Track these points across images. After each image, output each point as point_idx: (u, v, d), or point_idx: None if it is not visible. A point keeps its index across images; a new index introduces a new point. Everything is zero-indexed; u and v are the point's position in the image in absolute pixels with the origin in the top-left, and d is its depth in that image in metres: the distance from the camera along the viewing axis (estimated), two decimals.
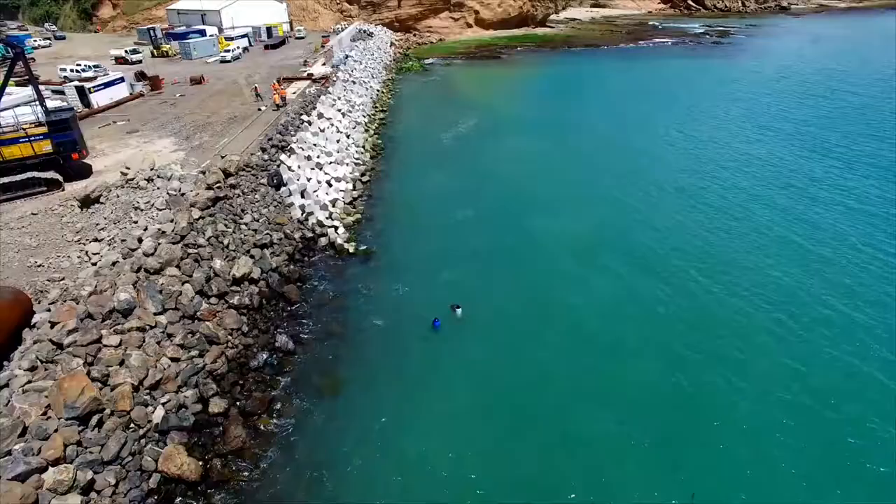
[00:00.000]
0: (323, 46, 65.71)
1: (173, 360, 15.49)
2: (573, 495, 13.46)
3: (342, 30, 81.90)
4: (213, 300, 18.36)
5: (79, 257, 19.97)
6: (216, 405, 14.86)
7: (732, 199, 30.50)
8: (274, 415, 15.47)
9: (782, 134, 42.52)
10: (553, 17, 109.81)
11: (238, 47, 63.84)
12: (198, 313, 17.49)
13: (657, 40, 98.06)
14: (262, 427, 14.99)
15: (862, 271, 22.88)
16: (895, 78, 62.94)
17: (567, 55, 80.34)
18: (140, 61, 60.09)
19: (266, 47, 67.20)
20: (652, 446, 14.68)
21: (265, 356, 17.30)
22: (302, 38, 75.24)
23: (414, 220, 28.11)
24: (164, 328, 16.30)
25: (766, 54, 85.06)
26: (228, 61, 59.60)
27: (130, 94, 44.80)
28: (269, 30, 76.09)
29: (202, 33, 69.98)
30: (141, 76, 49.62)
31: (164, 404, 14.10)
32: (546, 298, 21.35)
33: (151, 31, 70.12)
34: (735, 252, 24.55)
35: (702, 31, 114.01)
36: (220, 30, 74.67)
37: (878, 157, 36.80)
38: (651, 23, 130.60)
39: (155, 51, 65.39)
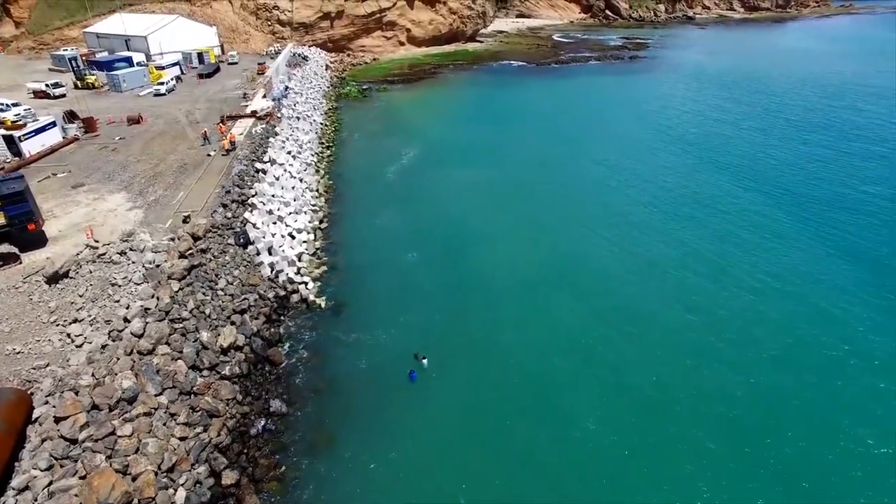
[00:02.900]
0: (260, 74, 65.57)
1: (181, 439, 16.96)
2: None
3: (275, 52, 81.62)
4: (205, 373, 19.79)
5: (60, 340, 20.56)
6: (228, 477, 16.52)
7: (675, 224, 34.95)
8: (280, 477, 17.33)
9: (707, 154, 48.29)
10: (482, 30, 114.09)
11: (171, 78, 62.34)
12: (194, 388, 18.92)
13: (581, 53, 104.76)
14: (271, 490, 16.83)
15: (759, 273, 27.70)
16: (788, 84, 72.00)
17: (498, 73, 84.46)
18: (63, 95, 56.85)
19: (200, 76, 65.77)
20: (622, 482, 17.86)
21: (262, 422, 19.02)
22: (235, 63, 74.15)
23: (375, 265, 30.22)
24: (166, 408, 17.66)
25: (680, 67, 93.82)
26: (163, 94, 58.02)
27: (64, 138, 43.11)
28: (200, 56, 74.43)
29: (129, 61, 67.28)
30: (71, 116, 47.18)
31: (182, 485, 15.63)
32: (503, 333, 24.36)
33: (74, 62, 66.64)
34: (682, 282, 28.60)
35: (620, 43, 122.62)
36: (149, 57, 72.18)
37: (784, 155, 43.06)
38: (573, 34, 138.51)
39: (78, 82, 62.34)
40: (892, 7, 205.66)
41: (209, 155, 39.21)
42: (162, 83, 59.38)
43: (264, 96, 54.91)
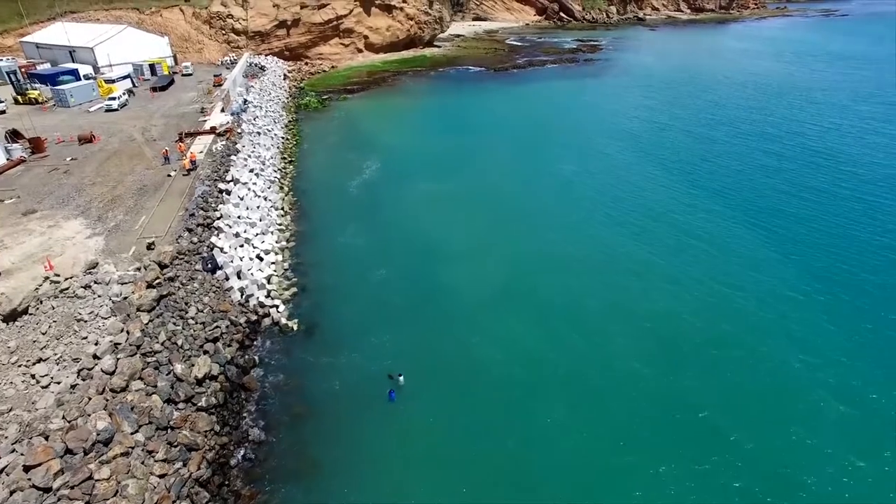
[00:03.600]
0: (216, 87, 64.37)
1: (161, 476, 16.97)
2: None
3: (231, 62, 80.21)
4: (181, 406, 19.75)
5: (24, 382, 20.08)
6: None
7: (635, 232, 36.47)
8: None
9: (658, 157, 50.48)
10: (439, 35, 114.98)
11: (123, 92, 60.29)
12: (171, 422, 18.89)
13: (538, 57, 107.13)
14: None
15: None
16: (731, 86, 75.87)
17: (457, 80, 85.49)
18: (3, 112, 54.15)
19: (153, 89, 63.81)
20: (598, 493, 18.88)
21: (242, 452, 19.19)
22: (189, 74, 72.37)
23: (344, 283, 30.48)
24: (143, 446, 17.61)
25: (632, 70, 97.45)
26: (115, 110, 56.07)
27: (9, 160, 41.23)
28: (152, 67, 72.27)
29: (74, 74, 64.60)
30: (14, 135, 45.01)
31: None
32: (475, 346, 25.14)
33: (13, 74, 63.57)
34: (644, 290, 29.97)
35: (574, 46, 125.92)
36: (96, 69, 69.60)
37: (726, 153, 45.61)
38: (529, 37, 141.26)
39: (20, 97, 59.51)
40: (821, 10, 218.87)
41: (169, 175, 38.46)
42: (113, 98, 57.32)
43: (223, 110, 54.03)
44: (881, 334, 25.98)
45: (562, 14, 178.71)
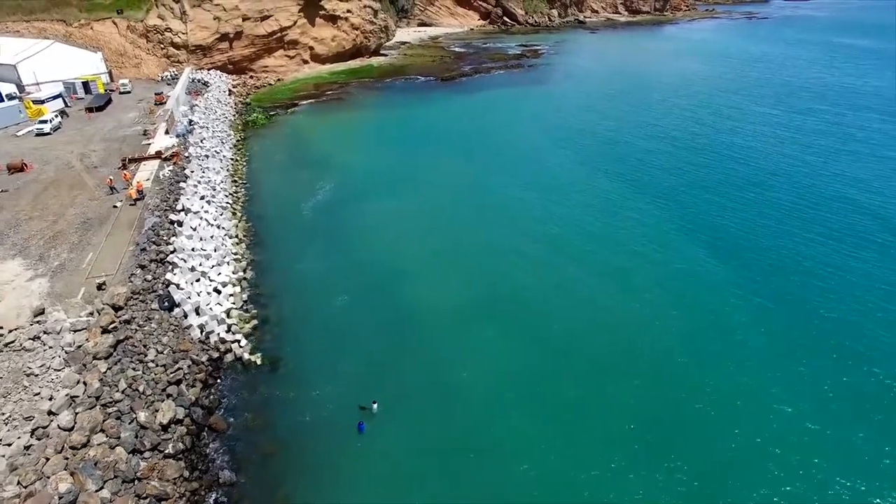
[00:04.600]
0: (158, 105, 62.23)
1: None
2: None
3: (172, 77, 77.57)
4: (147, 455, 19.60)
5: None
6: None
7: (587, 240, 38.44)
8: None
9: (603, 165, 52.92)
10: (385, 42, 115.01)
11: (55, 113, 57.26)
12: (138, 474, 18.74)
13: (485, 64, 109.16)
14: None
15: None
16: (666, 89, 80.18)
17: (406, 91, 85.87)
18: None
19: (89, 110, 60.74)
20: None
21: (214, 496, 19.26)
22: (128, 91, 69.42)
23: (306, 313, 30.56)
24: (110, 503, 17.44)
25: (575, 75, 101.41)
26: (47, 133, 53.13)
27: None
28: (86, 85, 68.90)
29: None
30: None
31: None
32: (442, 369, 25.95)
33: None
34: (600, 300, 31.64)
35: (519, 51, 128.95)
36: (21, 89, 65.73)
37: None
38: (475, 42, 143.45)
39: None
40: (745, 12, 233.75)
41: (115, 206, 37.17)
42: (44, 120, 54.27)
43: (167, 132, 52.43)
44: (818, 332, 28.64)
45: (505, 18, 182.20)
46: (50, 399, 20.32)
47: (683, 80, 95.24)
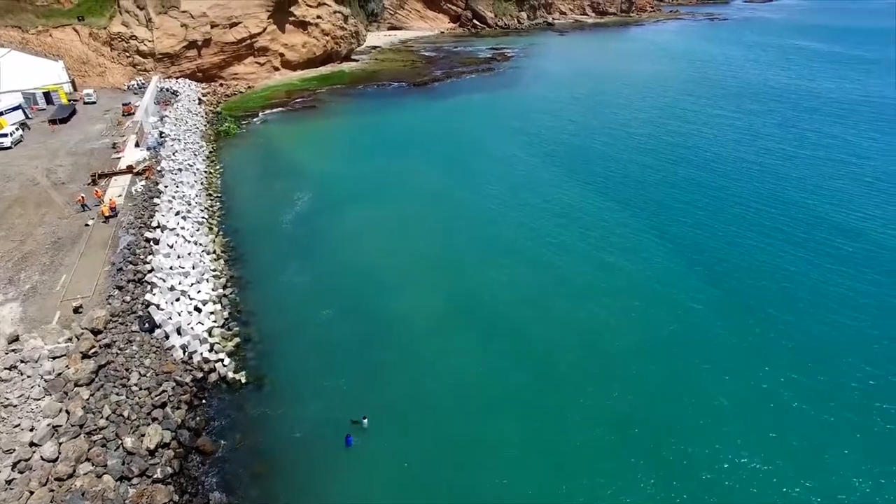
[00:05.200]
0: (126, 116, 60.85)
1: None
2: None
3: (138, 86, 75.88)
4: (136, 481, 19.57)
5: None
6: None
7: (559, 248, 39.47)
8: None
9: (575, 170, 54.22)
10: (357, 48, 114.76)
11: (15, 126, 55.36)
12: (127, 501, 18.73)
13: (456, 69, 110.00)
14: None
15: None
16: (634, 92, 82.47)
17: (378, 98, 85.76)
18: None
19: (52, 122, 58.89)
20: None
21: None
22: (93, 102, 67.47)
23: (289, 328, 30.65)
24: None
25: (545, 78, 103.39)
26: (8, 148, 51.28)
27: None
28: (47, 95, 66.76)
29: None
30: None
31: None
32: (427, 379, 26.51)
33: None
34: (573, 304, 32.64)
35: (490, 55, 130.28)
36: None
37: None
38: (445, 46, 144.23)
39: None
40: (706, 13, 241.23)
41: (87, 224, 36.45)
42: (4, 134, 52.23)
43: (137, 145, 51.46)
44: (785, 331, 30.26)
45: (475, 21, 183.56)
46: (31, 430, 20.06)
47: (647, 84, 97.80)
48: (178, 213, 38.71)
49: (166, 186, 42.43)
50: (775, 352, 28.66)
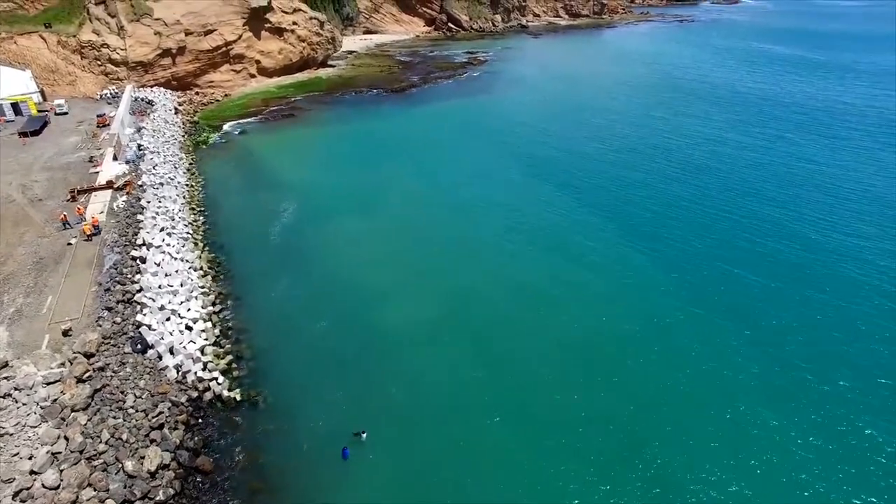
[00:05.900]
0: (101, 128, 59.90)
1: None
2: None
3: (112, 96, 74.60)
4: None
5: None
6: None
7: (546, 253, 40.77)
8: None
9: (553, 175, 55.59)
10: (333, 54, 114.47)
11: None
12: None
13: (433, 74, 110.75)
14: None
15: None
16: (608, 97, 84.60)
17: (356, 105, 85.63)
18: None
19: (23, 134, 57.27)
20: None
21: None
22: (65, 113, 65.99)
23: (281, 343, 31.15)
24: None
25: (520, 82, 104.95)
26: None
27: None
28: (15, 106, 65.10)
29: None
30: None
31: None
32: (421, 387, 27.45)
33: None
34: (562, 309, 33.87)
35: (466, 59, 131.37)
36: None
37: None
38: (421, 50, 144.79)
39: None
40: (675, 15, 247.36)
41: (70, 243, 36.10)
42: None
43: (115, 158, 50.85)
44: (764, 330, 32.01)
45: (450, 25, 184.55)
46: (30, 458, 20.21)
47: (619, 88, 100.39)
48: (162, 230, 38.63)
49: (149, 202, 42.20)
50: (754, 354, 30.22)
